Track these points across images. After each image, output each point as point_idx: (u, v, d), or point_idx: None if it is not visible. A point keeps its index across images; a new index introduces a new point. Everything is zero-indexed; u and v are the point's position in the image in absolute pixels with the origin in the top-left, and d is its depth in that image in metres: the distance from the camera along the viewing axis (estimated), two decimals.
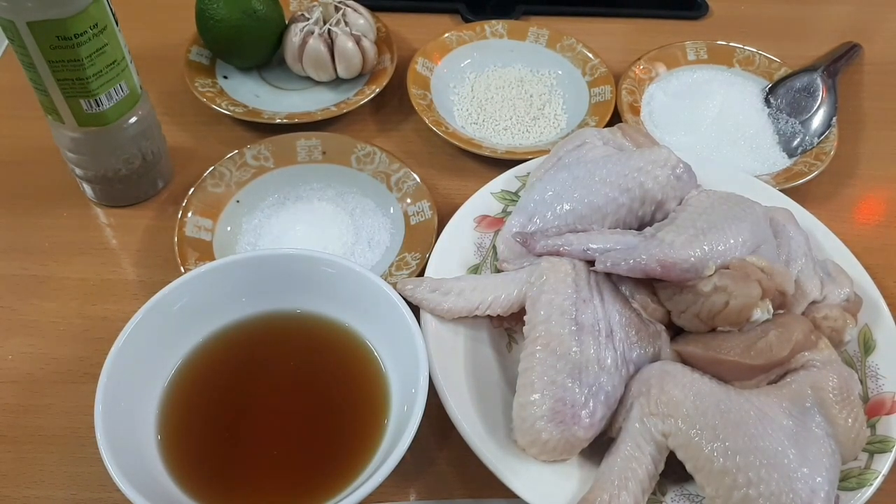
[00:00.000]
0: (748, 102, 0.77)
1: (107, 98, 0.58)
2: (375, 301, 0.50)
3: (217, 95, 0.74)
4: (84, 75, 0.55)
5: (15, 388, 0.55)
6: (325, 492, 0.45)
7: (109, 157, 0.62)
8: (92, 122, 0.59)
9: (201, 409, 0.49)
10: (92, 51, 0.55)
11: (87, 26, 0.53)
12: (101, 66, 0.56)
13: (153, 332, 0.48)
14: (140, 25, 0.84)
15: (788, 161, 0.72)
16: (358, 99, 0.74)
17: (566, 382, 0.46)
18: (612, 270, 0.50)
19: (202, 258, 0.60)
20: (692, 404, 0.45)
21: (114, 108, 0.59)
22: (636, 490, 0.45)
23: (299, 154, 0.68)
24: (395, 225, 0.64)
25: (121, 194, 0.66)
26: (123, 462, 0.42)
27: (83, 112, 0.58)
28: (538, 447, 0.46)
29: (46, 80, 0.55)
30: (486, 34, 0.83)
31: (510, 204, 0.62)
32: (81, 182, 0.65)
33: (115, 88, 0.58)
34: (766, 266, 0.49)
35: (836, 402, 0.47)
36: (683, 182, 0.56)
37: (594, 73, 0.78)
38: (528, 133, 0.75)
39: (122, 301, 0.61)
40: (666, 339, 0.51)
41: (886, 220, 0.70)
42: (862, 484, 0.47)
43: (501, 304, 0.53)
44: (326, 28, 0.74)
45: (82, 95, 0.57)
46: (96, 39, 0.54)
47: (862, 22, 0.93)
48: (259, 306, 0.53)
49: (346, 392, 0.50)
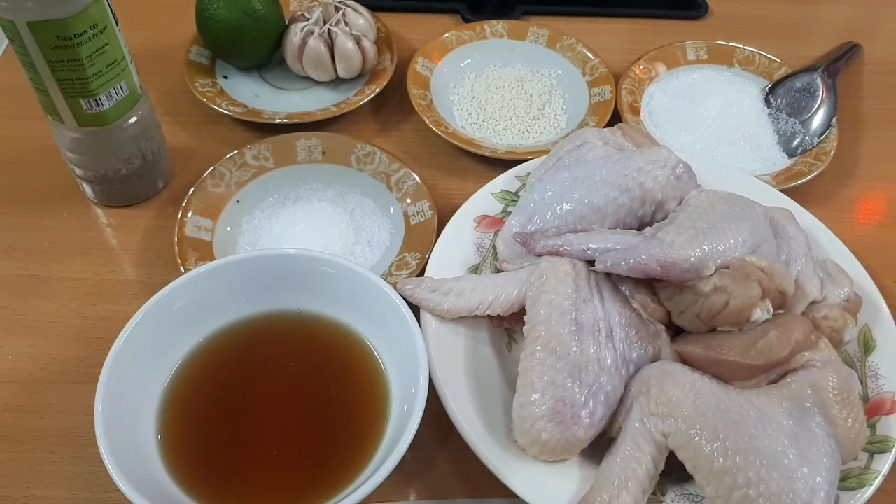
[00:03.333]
0: (748, 102, 0.77)
1: (107, 98, 0.58)
2: (375, 301, 0.50)
3: (217, 95, 0.74)
4: (84, 75, 0.55)
5: (15, 388, 0.55)
6: (325, 492, 0.45)
7: (109, 157, 0.62)
8: (92, 122, 0.59)
9: (201, 409, 0.49)
10: (92, 51, 0.55)
11: (86, 26, 0.53)
12: (101, 66, 0.56)
13: (153, 332, 0.48)
14: (140, 25, 0.84)
15: (788, 161, 0.72)
16: (358, 99, 0.74)
17: (566, 382, 0.46)
18: (612, 270, 0.50)
19: (202, 258, 0.60)
20: (692, 404, 0.45)
21: (114, 108, 0.59)
22: (636, 490, 0.45)
23: (299, 154, 0.68)
24: (395, 225, 0.64)
25: (121, 194, 0.66)
26: (123, 462, 0.42)
27: (83, 112, 0.58)
28: (538, 447, 0.46)
29: (46, 80, 0.55)
30: (486, 34, 0.83)
31: (510, 204, 0.62)
32: (81, 182, 0.65)
33: (115, 88, 0.58)
34: (766, 266, 0.49)
35: (836, 402, 0.47)
36: (683, 182, 0.56)
37: (594, 73, 0.78)
38: (528, 133, 0.75)
39: (122, 301, 0.61)
40: (666, 339, 0.51)
41: (886, 220, 0.70)
42: (862, 484, 0.47)
43: (501, 304, 0.53)
44: (326, 28, 0.74)
45: (82, 95, 0.57)
46: (96, 39, 0.54)
47: (862, 22, 0.93)
48: (259, 306, 0.53)
49: (346, 392, 0.50)
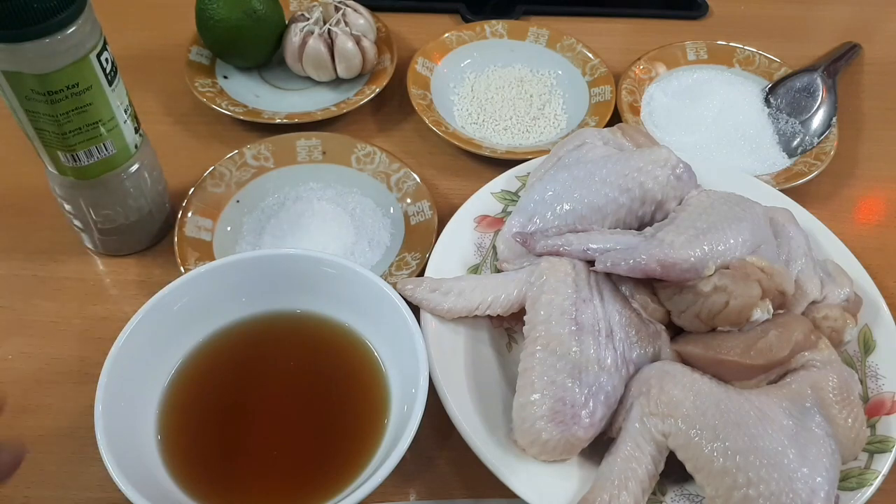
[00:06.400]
0: (748, 102, 0.77)
1: (86, 155, 0.54)
2: (375, 301, 0.50)
3: (217, 95, 0.74)
4: (60, 130, 0.52)
5: (15, 388, 0.55)
6: (325, 492, 0.45)
7: (90, 209, 0.58)
8: (73, 175, 0.56)
9: (201, 409, 0.49)
10: (69, 108, 0.51)
11: (62, 85, 0.49)
12: (81, 125, 0.52)
13: (153, 332, 0.48)
14: (140, 25, 0.84)
15: (788, 161, 0.72)
16: (358, 99, 0.74)
17: (566, 382, 0.46)
18: (612, 270, 0.50)
19: (202, 258, 0.60)
20: (692, 404, 0.45)
21: (95, 166, 0.55)
22: (636, 490, 0.45)
23: (299, 154, 0.68)
24: (395, 225, 0.64)
25: (108, 244, 0.62)
26: (123, 462, 0.42)
27: (62, 164, 0.55)
28: (538, 447, 0.46)
29: (26, 126, 0.53)
30: (486, 34, 0.83)
31: (510, 204, 0.62)
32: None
33: (98, 147, 0.54)
34: (766, 266, 0.49)
35: (836, 402, 0.47)
36: (683, 182, 0.56)
37: (594, 73, 0.78)
38: (528, 133, 0.75)
39: (122, 301, 0.61)
40: (666, 339, 0.51)
41: (886, 220, 0.70)
42: (862, 484, 0.47)
43: (501, 304, 0.53)
44: (326, 28, 0.74)
45: (59, 148, 0.53)
46: (75, 99, 0.50)
47: (862, 22, 0.93)
48: (259, 306, 0.53)
49: (346, 392, 0.50)
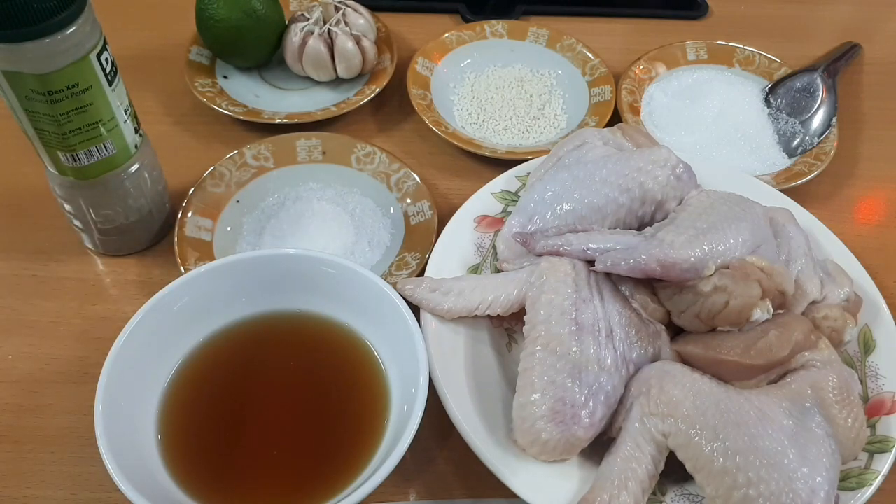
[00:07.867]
0: (748, 102, 0.77)
1: (86, 155, 0.54)
2: (375, 301, 0.50)
3: (217, 95, 0.74)
4: (60, 130, 0.52)
5: (15, 388, 0.55)
6: (325, 492, 0.45)
7: (90, 209, 0.58)
8: (73, 175, 0.56)
9: (201, 409, 0.49)
10: (69, 108, 0.51)
11: (62, 85, 0.49)
12: (81, 125, 0.52)
13: (153, 332, 0.48)
14: (140, 25, 0.84)
15: (788, 161, 0.72)
16: (358, 99, 0.74)
17: (566, 382, 0.46)
18: (612, 270, 0.50)
19: (202, 258, 0.60)
20: (692, 404, 0.45)
21: (95, 166, 0.55)
22: (636, 490, 0.45)
23: (299, 154, 0.68)
24: (395, 225, 0.64)
25: (107, 244, 0.62)
26: (123, 462, 0.42)
27: (62, 164, 0.55)
28: (538, 447, 0.46)
29: (26, 126, 0.53)
30: (486, 34, 0.83)
31: (510, 204, 0.62)
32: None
33: (98, 147, 0.54)
34: (766, 266, 0.49)
35: (836, 402, 0.47)
36: (683, 182, 0.56)
37: (594, 73, 0.78)
38: (528, 133, 0.75)
39: (122, 301, 0.61)
40: (666, 339, 0.51)
41: (886, 220, 0.70)
42: (862, 484, 0.47)
43: (501, 304, 0.53)
44: (326, 28, 0.74)
45: (59, 149, 0.53)
46: (75, 99, 0.50)
47: (862, 22, 0.93)
48: (259, 306, 0.53)
49: (346, 392, 0.50)
